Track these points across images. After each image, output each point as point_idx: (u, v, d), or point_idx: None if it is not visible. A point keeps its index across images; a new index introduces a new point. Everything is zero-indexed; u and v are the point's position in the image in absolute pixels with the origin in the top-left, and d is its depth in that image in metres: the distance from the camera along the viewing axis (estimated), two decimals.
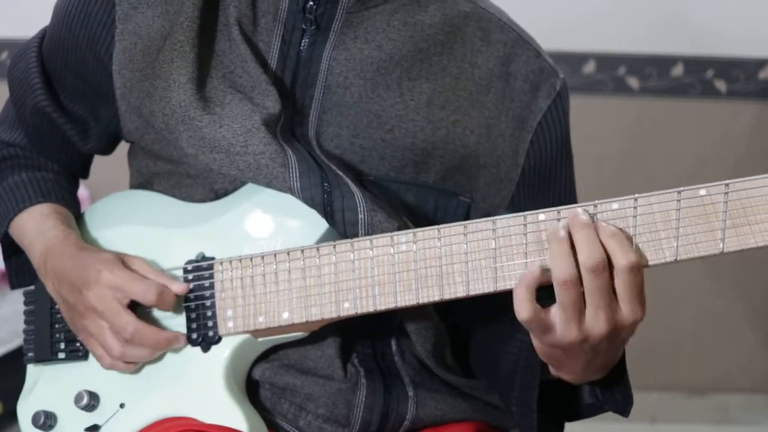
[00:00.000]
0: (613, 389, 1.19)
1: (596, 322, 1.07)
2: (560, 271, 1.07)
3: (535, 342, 1.13)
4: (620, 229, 1.08)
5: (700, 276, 3.13)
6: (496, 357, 1.29)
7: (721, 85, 3.03)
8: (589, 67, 3.00)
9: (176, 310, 1.30)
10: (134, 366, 1.30)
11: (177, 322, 1.30)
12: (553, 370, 1.17)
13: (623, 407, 1.20)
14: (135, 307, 1.28)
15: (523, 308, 1.08)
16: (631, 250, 1.07)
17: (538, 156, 1.34)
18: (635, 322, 1.09)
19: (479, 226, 1.14)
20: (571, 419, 1.27)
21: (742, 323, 3.20)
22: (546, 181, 1.35)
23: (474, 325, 1.36)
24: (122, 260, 1.30)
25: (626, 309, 1.08)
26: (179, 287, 1.28)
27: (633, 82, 3.02)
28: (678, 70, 3.02)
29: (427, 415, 1.34)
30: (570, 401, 1.24)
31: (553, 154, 1.35)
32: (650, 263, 1.08)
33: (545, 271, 1.09)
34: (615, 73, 3.01)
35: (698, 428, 3.15)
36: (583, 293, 1.07)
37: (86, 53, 1.34)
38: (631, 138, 3.06)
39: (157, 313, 1.31)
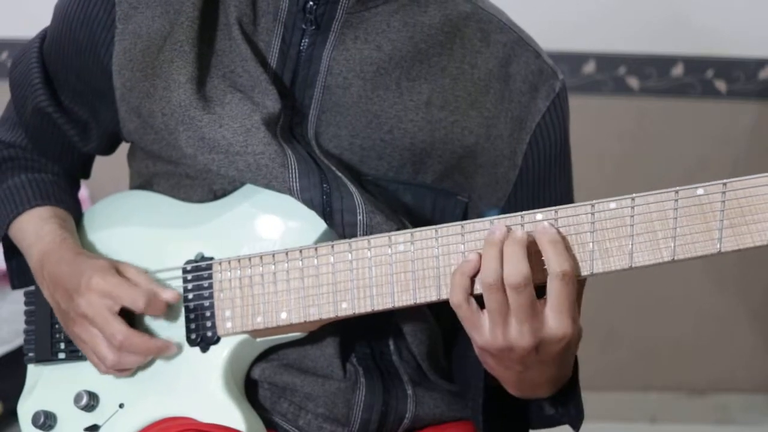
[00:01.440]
0: (568, 404, 1.22)
1: (520, 333, 1.10)
2: (485, 275, 1.10)
3: (474, 345, 1.15)
4: (563, 236, 1.10)
5: (701, 276, 3.13)
6: (463, 360, 1.31)
7: (721, 85, 3.03)
8: (589, 67, 3.00)
9: (175, 310, 1.30)
10: (129, 371, 1.30)
11: (176, 323, 1.30)
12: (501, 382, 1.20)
13: (575, 421, 1.24)
14: (132, 313, 1.29)
15: (454, 293, 1.12)
16: (566, 259, 1.08)
17: (536, 157, 1.34)
18: (564, 336, 1.10)
19: (476, 226, 1.14)
20: (533, 427, 1.30)
21: (743, 323, 3.20)
22: (543, 182, 1.35)
23: (453, 328, 1.36)
24: (116, 267, 1.30)
25: (553, 321, 1.09)
26: (170, 295, 1.28)
27: (633, 82, 3.02)
28: (678, 70, 3.02)
29: (426, 413, 1.34)
30: (532, 410, 1.27)
31: (552, 156, 1.35)
32: (647, 263, 1.09)
33: (479, 263, 1.12)
34: (615, 73, 3.01)
35: (698, 428, 3.15)
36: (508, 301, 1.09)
37: (86, 54, 1.34)
38: (631, 138, 3.06)
39: (155, 315, 1.31)
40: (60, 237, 1.35)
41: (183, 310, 1.30)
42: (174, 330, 1.30)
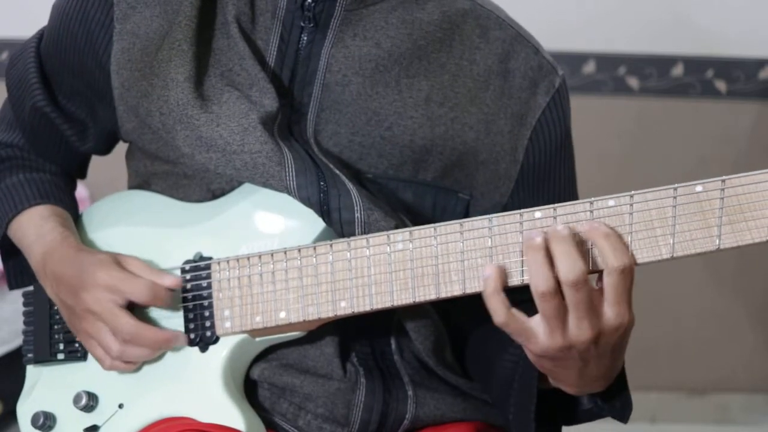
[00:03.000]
0: (613, 399, 1.20)
1: (579, 330, 1.07)
2: (538, 284, 1.06)
3: (527, 351, 1.12)
4: (612, 228, 1.08)
5: (701, 276, 3.13)
6: (494, 361, 1.29)
7: (721, 85, 3.03)
8: (589, 67, 3.00)
9: (174, 309, 1.30)
10: (134, 365, 1.30)
11: (175, 323, 1.30)
12: (552, 381, 1.17)
13: (621, 414, 1.20)
14: (133, 306, 1.29)
15: (497, 315, 1.08)
16: (624, 252, 1.06)
17: (537, 153, 1.33)
18: (621, 325, 1.08)
19: (475, 224, 1.13)
20: (569, 423, 1.27)
21: (743, 323, 3.20)
22: (545, 178, 1.35)
23: (472, 326, 1.36)
24: (118, 260, 1.29)
25: (611, 312, 1.07)
26: (171, 281, 1.27)
27: (633, 82, 3.02)
28: (678, 70, 3.02)
29: (427, 414, 1.34)
30: (568, 405, 1.24)
31: (553, 152, 1.35)
32: (646, 260, 1.08)
33: (502, 271, 1.09)
34: (615, 73, 3.01)
35: (698, 428, 3.15)
36: (564, 302, 1.06)
37: (84, 53, 1.34)
38: (631, 138, 3.06)
39: (155, 314, 1.31)
40: (61, 235, 1.35)
41: (182, 310, 1.30)
42: (173, 330, 1.30)
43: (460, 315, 1.35)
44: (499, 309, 1.08)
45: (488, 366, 1.32)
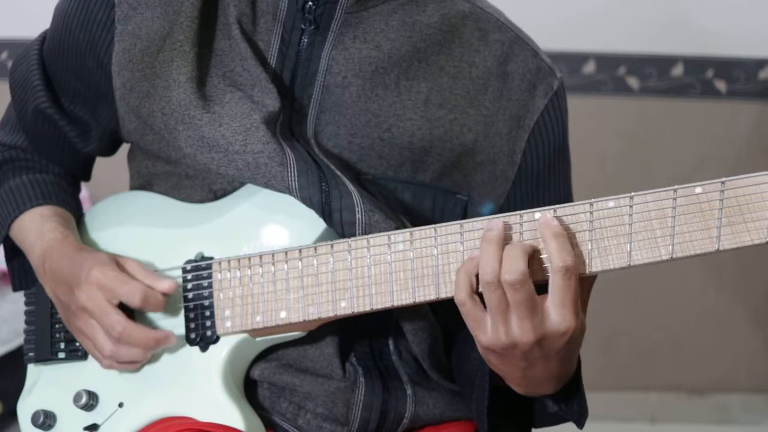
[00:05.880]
0: (572, 401, 1.22)
1: (521, 330, 1.09)
2: (484, 272, 1.09)
3: (477, 344, 1.14)
4: (566, 230, 1.09)
5: (701, 276, 3.13)
6: (465, 359, 1.31)
7: (721, 85, 3.03)
8: (589, 67, 3.00)
9: (175, 309, 1.30)
10: (132, 366, 1.30)
11: (176, 322, 1.30)
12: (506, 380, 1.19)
13: (579, 418, 1.22)
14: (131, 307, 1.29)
15: (458, 290, 1.11)
16: (569, 253, 1.08)
17: (534, 155, 1.34)
18: (567, 331, 1.10)
19: (475, 225, 1.14)
20: (536, 426, 1.30)
21: (743, 323, 3.20)
22: (542, 180, 1.35)
23: (454, 327, 1.36)
24: (116, 261, 1.30)
25: (555, 315, 1.09)
26: (166, 285, 1.27)
27: (633, 82, 3.02)
28: (678, 70, 3.02)
29: (426, 413, 1.35)
30: (535, 409, 1.27)
31: (550, 154, 1.35)
32: (646, 261, 1.09)
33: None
34: (615, 73, 3.01)
35: (698, 428, 3.15)
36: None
37: (86, 55, 1.35)
38: (631, 138, 3.06)
39: (155, 313, 1.31)
40: (62, 234, 1.35)
41: (183, 309, 1.30)
42: (173, 329, 1.30)
43: (448, 315, 1.35)
44: (462, 287, 1.11)
45: (460, 364, 1.34)
